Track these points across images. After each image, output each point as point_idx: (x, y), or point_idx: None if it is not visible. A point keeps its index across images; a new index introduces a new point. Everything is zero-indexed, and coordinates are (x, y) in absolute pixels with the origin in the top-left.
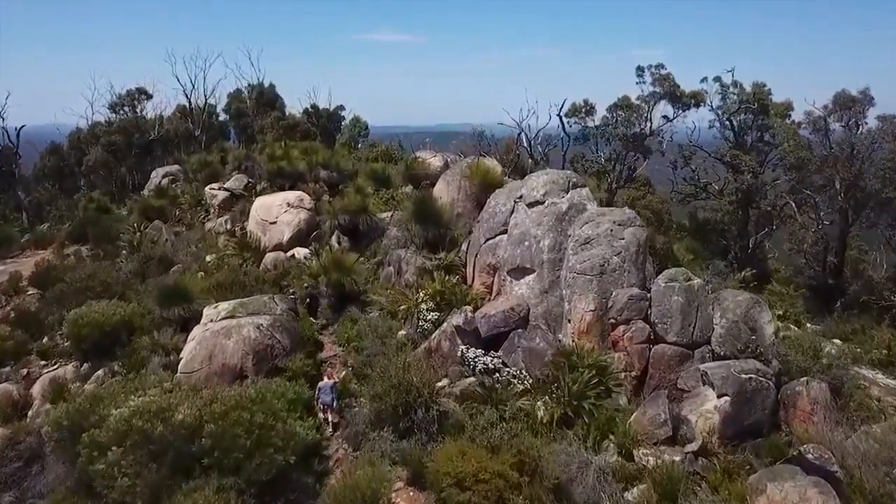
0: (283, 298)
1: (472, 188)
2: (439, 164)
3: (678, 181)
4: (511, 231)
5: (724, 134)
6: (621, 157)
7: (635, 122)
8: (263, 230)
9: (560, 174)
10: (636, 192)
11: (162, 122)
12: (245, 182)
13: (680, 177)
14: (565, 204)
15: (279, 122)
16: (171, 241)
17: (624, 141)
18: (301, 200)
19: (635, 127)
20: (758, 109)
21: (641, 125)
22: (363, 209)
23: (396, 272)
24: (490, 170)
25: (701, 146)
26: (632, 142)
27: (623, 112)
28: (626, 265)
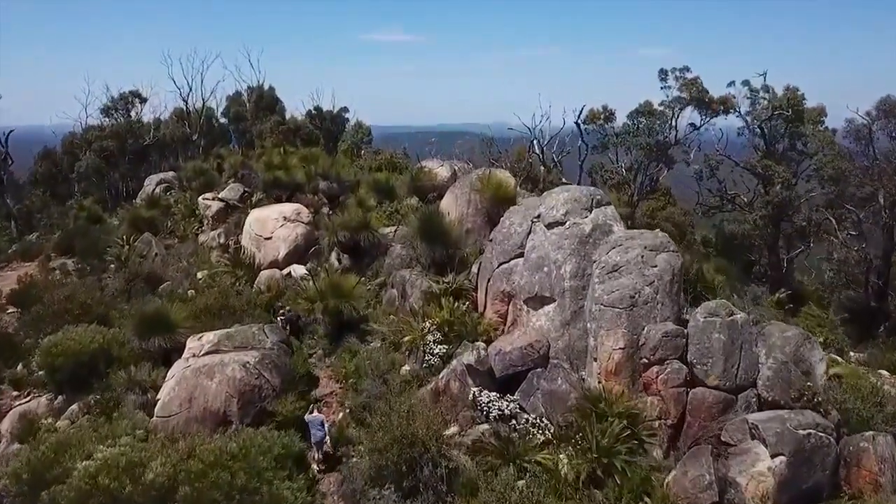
0: (274, 329)
1: (482, 202)
2: (446, 174)
3: (703, 192)
4: (528, 255)
5: (754, 142)
6: (643, 166)
7: (659, 129)
8: (258, 246)
9: (582, 191)
10: (656, 202)
11: (159, 126)
12: (241, 192)
13: (705, 188)
14: (589, 225)
15: (279, 126)
16: (162, 256)
17: (646, 150)
18: (298, 214)
19: (658, 135)
20: (792, 116)
21: (665, 133)
22: (365, 225)
23: (400, 295)
24: (502, 183)
25: (729, 155)
26: (655, 151)
27: (645, 119)
28: (659, 296)
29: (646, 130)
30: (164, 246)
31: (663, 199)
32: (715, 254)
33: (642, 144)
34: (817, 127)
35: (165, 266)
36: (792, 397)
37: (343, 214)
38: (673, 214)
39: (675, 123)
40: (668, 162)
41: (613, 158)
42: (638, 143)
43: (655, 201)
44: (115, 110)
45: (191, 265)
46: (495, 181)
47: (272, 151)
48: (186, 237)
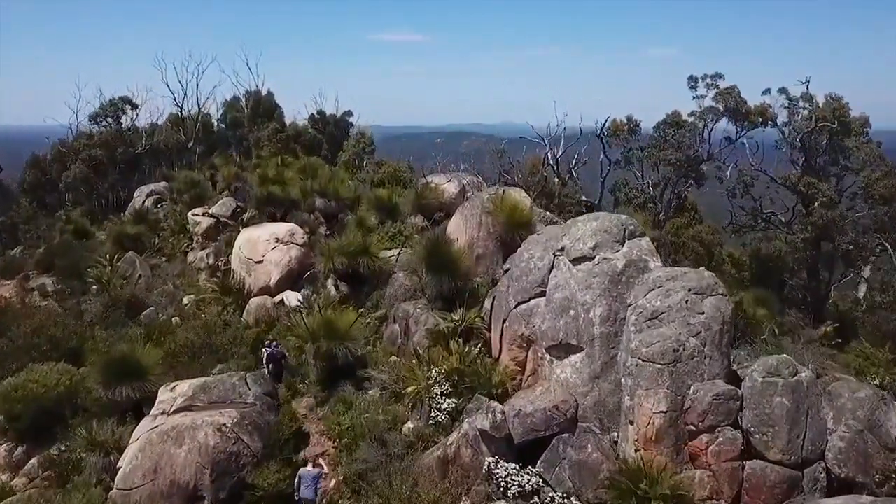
0: (258, 378)
1: (495, 226)
2: (454, 191)
3: (735, 209)
4: (551, 294)
5: (793, 156)
6: (671, 182)
7: (689, 143)
8: (248, 270)
9: (613, 220)
10: (680, 219)
11: (153, 132)
12: (233, 207)
13: (737, 205)
14: (621, 260)
15: (277, 134)
16: (146, 278)
17: (675, 166)
18: (292, 235)
19: (689, 149)
20: (837, 128)
21: (696, 147)
22: (364, 250)
23: (403, 332)
24: (517, 205)
25: (765, 170)
26: (685, 166)
27: (673, 130)
28: (706, 349)
29: (674, 144)
30: (149, 266)
31: (688, 215)
32: (749, 278)
33: (671, 160)
34: (860, 139)
35: (149, 289)
36: (875, 480)
37: (341, 237)
38: (700, 233)
39: (707, 136)
40: (698, 178)
41: (638, 174)
42: (666, 157)
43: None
44: (104, 117)
45: (177, 288)
46: (509, 203)
47: (268, 163)
48: (175, 255)
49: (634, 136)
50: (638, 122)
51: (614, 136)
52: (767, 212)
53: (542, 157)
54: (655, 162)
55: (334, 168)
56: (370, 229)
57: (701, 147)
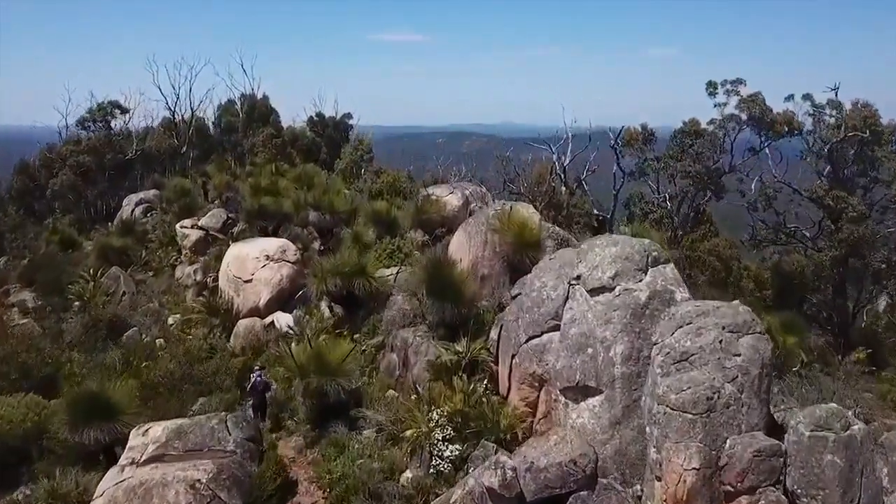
0: (239, 421)
1: (502, 245)
2: (457, 203)
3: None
4: (566, 329)
5: (819, 167)
6: (688, 195)
7: (709, 153)
8: (236, 289)
9: (634, 246)
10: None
11: (145, 137)
12: (223, 219)
13: (758, 218)
14: (644, 291)
15: (272, 140)
16: (131, 294)
17: (694, 178)
18: (283, 252)
19: (708, 160)
20: (868, 138)
21: (716, 158)
22: (360, 271)
23: (402, 362)
24: (526, 224)
25: (789, 182)
26: (704, 179)
27: (690, 140)
28: (744, 397)
29: (693, 154)
30: (134, 282)
31: (704, 228)
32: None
33: (689, 172)
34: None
35: (134, 307)
36: None
37: (335, 254)
38: (717, 247)
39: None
40: (717, 191)
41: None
42: (683, 169)
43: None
44: (93, 122)
45: (163, 307)
46: (517, 221)
47: (261, 171)
48: (162, 270)
49: (649, 146)
50: (653, 132)
51: (628, 145)
52: (791, 226)
53: (550, 166)
54: (672, 173)
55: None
56: (367, 245)
57: (722, 158)
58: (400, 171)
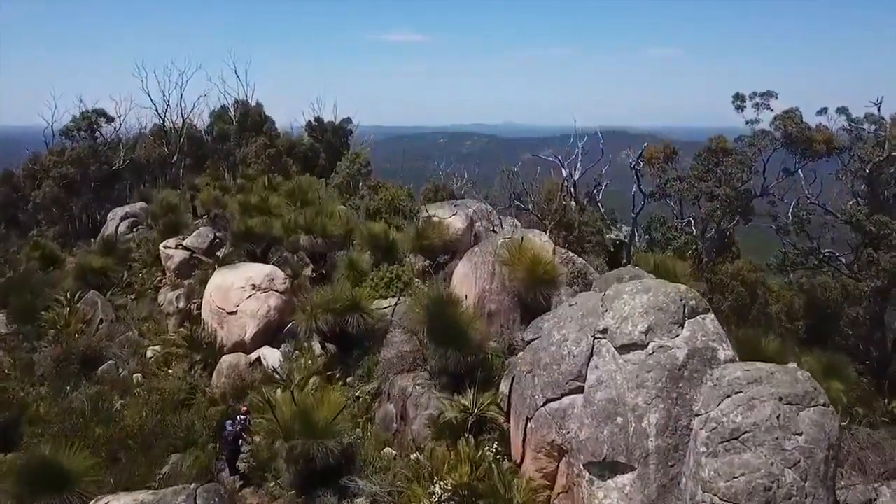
0: (212, 496)
1: (512, 279)
2: (460, 226)
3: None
4: (591, 393)
5: (855, 187)
6: (714, 218)
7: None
8: (220, 321)
9: (669, 293)
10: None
11: (135, 146)
12: (210, 238)
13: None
14: (682, 349)
15: (265, 150)
16: (109, 322)
17: (722, 201)
18: (271, 280)
19: (736, 180)
20: None
21: (746, 178)
22: (354, 306)
23: (399, 415)
24: (539, 258)
25: (824, 204)
26: (734, 203)
27: (715, 157)
28: (808, 486)
29: (719, 175)
30: (114, 307)
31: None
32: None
33: (717, 194)
34: None
35: (111, 336)
36: None
37: (328, 283)
38: (741, 270)
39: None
40: (746, 214)
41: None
42: (709, 190)
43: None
44: (77, 131)
45: (143, 336)
46: (529, 255)
47: (252, 186)
48: (144, 293)
49: (671, 165)
50: (675, 150)
51: (648, 164)
52: (826, 251)
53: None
54: (696, 195)
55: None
56: (363, 273)
57: (752, 179)
58: (399, 186)
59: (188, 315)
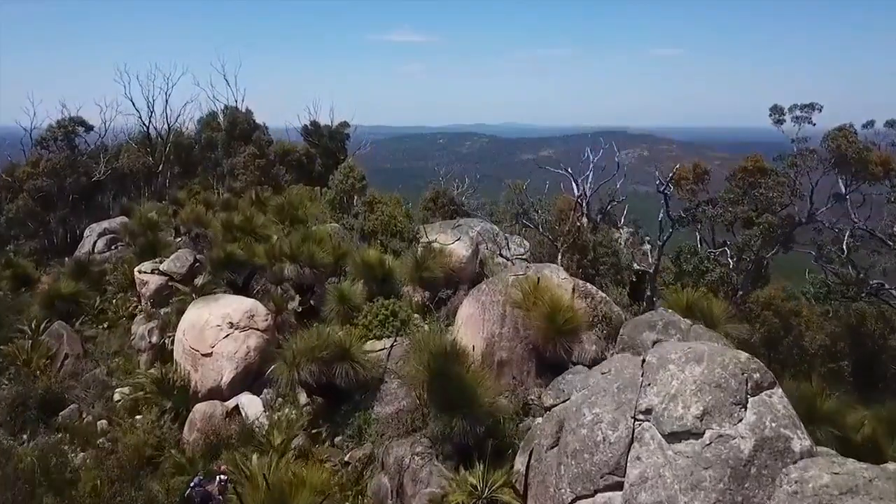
0: None
1: (526, 326)
2: (464, 253)
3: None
4: (633, 492)
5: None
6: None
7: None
8: (193, 363)
9: (726, 364)
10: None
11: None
12: (189, 262)
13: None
14: (748, 439)
15: (254, 160)
16: (76, 357)
17: (763, 228)
18: (251, 317)
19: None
20: None
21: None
22: (343, 354)
23: (395, 491)
24: (558, 304)
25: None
26: (775, 231)
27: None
28: None
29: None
30: (82, 339)
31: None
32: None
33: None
34: None
35: (76, 375)
36: None
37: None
38: (773, 299)
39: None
40: (786, 242)
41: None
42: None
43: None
44: (54, 141)
45: (112, 374)
46: (547, 299)
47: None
48: (118, 322)
49: (702, 186)
50: (707, 170)
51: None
52: (875, 282)
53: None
54: (730, 221)
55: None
56: (355, 308)
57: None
58: (397, 201)
59: (162, 350)
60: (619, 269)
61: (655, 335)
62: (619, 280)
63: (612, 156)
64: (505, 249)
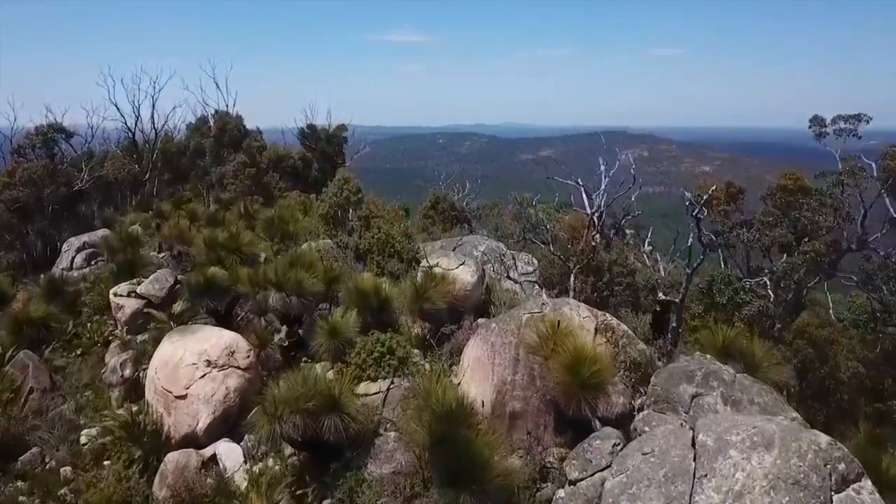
0: None
1: (543, 373)
2: (469, 280)
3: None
4: None
5: None
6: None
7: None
8: (166, 406)
9: (803, 451)
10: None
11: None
12: (169, 284)
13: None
14: None
15: (244, 169)
16: (42, 391)
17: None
18: (231, 354)
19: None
20: None
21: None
22: (332, 404)
23: None
24: (582, 348)
25: None
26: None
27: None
28: None
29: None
30: (51, 369)
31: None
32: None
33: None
34: None
35: (41, 412)
36: None
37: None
38: (807, 326)
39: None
40: (829, 271)
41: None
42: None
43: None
44: (31, 149)
45: (80, 411)
46: (571, 349)
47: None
48: (91, 349)
49: (735, 206)
50: (741, 189)
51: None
52: None
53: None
54: (767, 246)
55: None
56: (348, 343)
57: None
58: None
59: (137, 385)
60: (636, 289)
61: (694, 388)
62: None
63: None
64: (513, 270)
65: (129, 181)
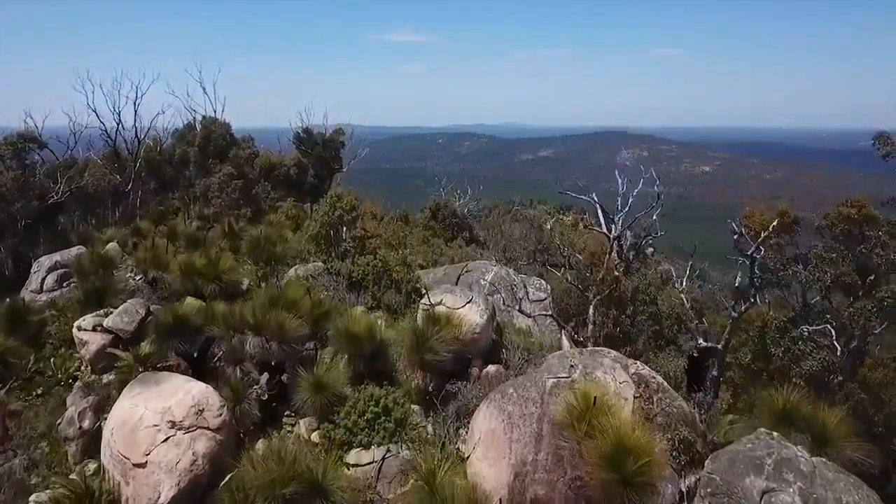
0: None
1: (573, 457)
2: (478, 321)
3: None
4: None
5: None
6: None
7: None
8: (124, 474)
9: None
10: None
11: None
12: (139, 317)
13: None
14: None
15: (231, 181)
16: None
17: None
18: (200, 412)
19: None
20: None
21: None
22: (314, 488)
23: None
24: (624, 433)
25: None
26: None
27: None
28: None
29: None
30: (5, 415)
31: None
32: None
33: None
34: None
35: None
36: None
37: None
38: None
39: None
40: None
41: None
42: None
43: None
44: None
45: (33, 468)
46: (611, 434)
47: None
48: (53, 388)
49: (789, 239)
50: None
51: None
52: None
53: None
54: (826, 285)
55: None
56: (337, 397)
57: None
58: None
59: (97, 440)
60: (659, 318)
61: (764, 481)
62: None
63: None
64: (525, 301)
65: (111, 192)
